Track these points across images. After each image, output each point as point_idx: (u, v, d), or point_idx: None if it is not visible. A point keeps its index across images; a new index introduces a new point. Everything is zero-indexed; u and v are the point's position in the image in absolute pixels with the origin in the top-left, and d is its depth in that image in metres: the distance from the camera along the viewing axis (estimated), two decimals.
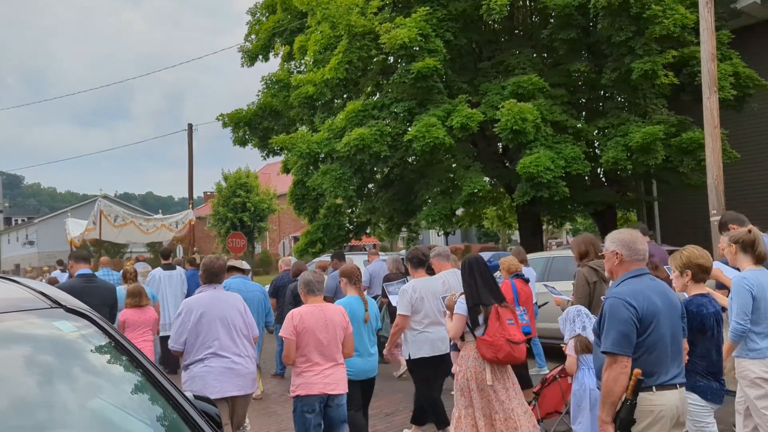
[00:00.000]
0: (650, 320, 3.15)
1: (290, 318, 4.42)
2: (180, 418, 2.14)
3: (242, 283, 6.39)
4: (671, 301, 3.27)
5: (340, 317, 4.51)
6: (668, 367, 3.19)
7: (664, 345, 3.18)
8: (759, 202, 16.17)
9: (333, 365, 4.41)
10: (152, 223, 16.70)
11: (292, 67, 19.27)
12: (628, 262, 3.33)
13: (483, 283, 4.72)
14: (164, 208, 23.12)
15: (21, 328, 2.23)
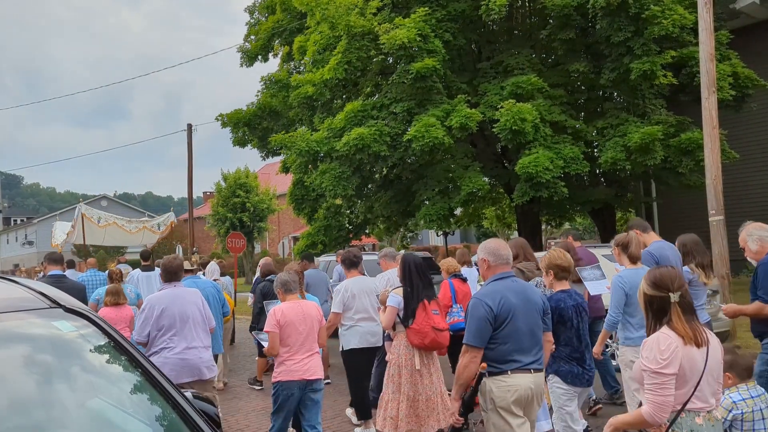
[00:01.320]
0: (505, 316, 3.62)
1: (273, 314, 4.85)
2: (179, 417, 2.14)
3: (192, 282, 6.81)
4: (529, 299, 3.75)
5: (315, 312, 5.00)
6: (523, 355, 3.66)
7: (519, 337, 3.65)
8: (758, 202, 16.18)
9: (310, 354, 4.86)
10: (134, 224, 17.40)
11: (292, 67, 19.29)
12: (494, 266, 3.82)
13: (419, 280, 5.20)
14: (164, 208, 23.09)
15: (20, 328, 2.23)
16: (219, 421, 2.43)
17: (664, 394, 2.81)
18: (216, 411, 2.45)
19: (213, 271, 10.31)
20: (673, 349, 2.83)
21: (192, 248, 25.21)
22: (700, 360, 2.86)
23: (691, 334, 2.85)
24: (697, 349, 2.87)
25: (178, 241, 38.59)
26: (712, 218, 9.60)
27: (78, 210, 16.15)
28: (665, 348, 2.84)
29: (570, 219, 20.68)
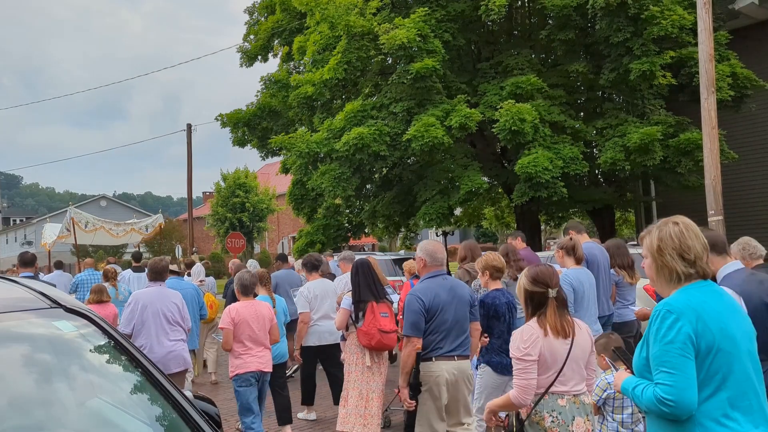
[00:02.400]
0: (435, 309, 4.20)
1: (228, 312, 5.37)
2: (180, 417, 2.15)
3: (176, 282, 7.17)
4: (458, 294, 4.32)
5: (267, 311, 5.52)
6: (448, 343, 4.21)
7: (446, 328, 4.21)
8: (757, 202, 16.20)
9: (262, 349, 5.41)
10: (122, 227, 18.14)
11: (291, 67, 19.27)
12: (429, 266, 4.38)
13: (365, 283, 5.50)
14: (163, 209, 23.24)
15: (20, 328, 2.23)
16: (220, 421, 2.44)
17: (527, 378, 3.14)
18: (216, 411, 2.45)
19: (198, 273, 10.56)
20: (534, 339, 3.17)
21: (191, 248, 25.22)
22: (562, 349, 3.18)
23: (560, 326, 3.21)
24: (562, 340, 3.19)
25: (177, 242, 38.60)
26: (711, 218, 9.61)
27: (68, 214, 16.81)
28: (527, 338, 3.19)
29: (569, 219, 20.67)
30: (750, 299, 3.07)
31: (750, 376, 2.26)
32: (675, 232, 2.41)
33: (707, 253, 2.40)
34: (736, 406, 2.22)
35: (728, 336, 2.25)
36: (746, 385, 2.24)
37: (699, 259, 2.35)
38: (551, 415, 3.16)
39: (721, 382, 2.22)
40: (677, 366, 2.21)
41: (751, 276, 3.24)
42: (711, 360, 2.23)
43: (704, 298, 2.30)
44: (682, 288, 2.35)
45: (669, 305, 2.30)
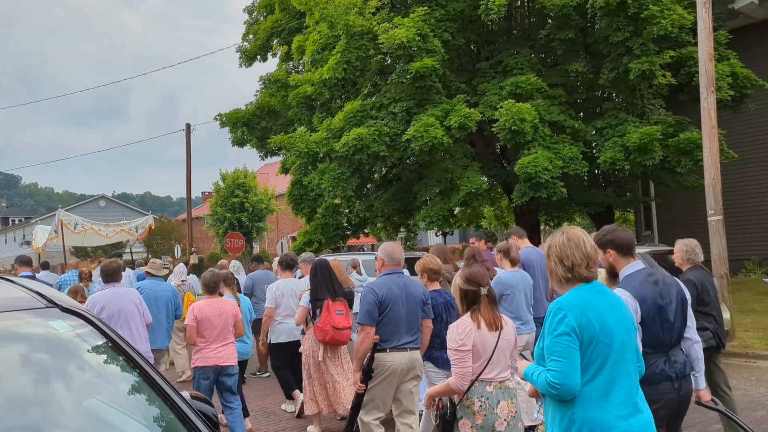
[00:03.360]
0: (388, 303, 4.60)
1: (191, 310, 5.68)
2: (177, 418, 2.13)
3: (154, 283, 7.45)
4: (411, 292, 4.73)
5: (230, 308, 5.80)
6: (401, 336, 4.61)
7: (398, 321, 4.61)
8: (756, 201, 16.19)
9: (224, 344, 5.65)
10: (111, 228, 18.75)
11: (291, 67, 19.27)
12: (387, 265, 4.84)
13: (322, 282, 5.92)
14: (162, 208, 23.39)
15: (16, 328, 2.22)
16: (217, 422, 2.42)
17: (464, 366, 3.53)
18: (214, 411, 2.43)
19: (180, 273, 10.80)
20: (468, 331, 3.56)
21: (190, 248, 25.20)
22: (491, 341, 3.59)
23: (491, 320, 3.61)
24: (492, 332, 3.60)
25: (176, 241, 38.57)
26: (710, 218, 9.60)
27: (57, 216, 17.39)
28: (462, 331, 3.57)
29: (569, 219, 20.66)
30: (645, 299, 3.37)
31: (624, 365, 2.66)
32: (558, 242, 2.81)
33: (588, 260, 2.76)
34: (611, 389, 2.62)
35: (607, 330, 2.64)
36: (620, 371, 2.65)
37: (576, 266, 2.75)
38: (480, 400, 3.56)
39: (600, 368, 2.62)
40: (564, 355, 2.60)
41: (649, 277, 3.48)
42: (592, 350, 2.62)
43: (590, 297, 2.70)
44: (573, 288, 2.76)
45: (559, 303, 2.71)
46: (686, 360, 3.48)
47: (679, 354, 3.46)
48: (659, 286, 3.46)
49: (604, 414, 2.59)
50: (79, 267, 11.36)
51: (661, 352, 3.37)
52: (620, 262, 3.55)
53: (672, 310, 3.43)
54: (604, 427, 2.58)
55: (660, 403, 3.25)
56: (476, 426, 3.55)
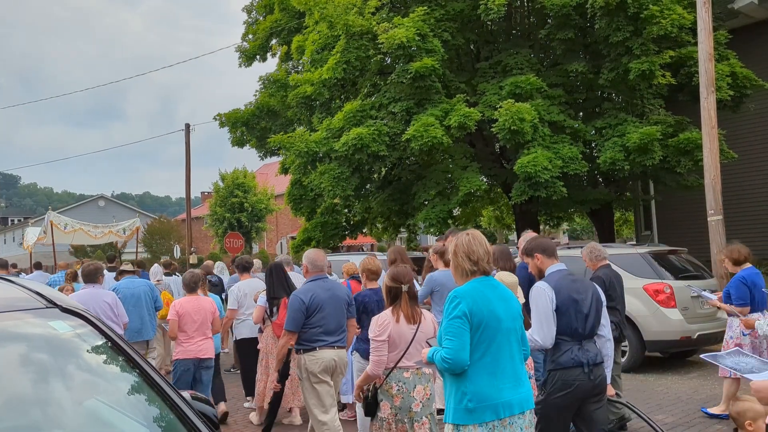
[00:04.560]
0: (315, 307, 4.92)
1: (173, 306, 6.09)
2: (177, 418, 2.12)
3: (129, 281, 7.72)
4: (335, 295, 5.07)
5: (209, 305, 6.24)
6: (328, 336, 4.97)
7: (325, 322, 4.95)
8: (756, 201, 16.19)
9: (203, 338, 6.08)
10: (100, 230, 19.34)
11: (290, 67, 19.26)
12: (312, 271, 5.17)
13: (278, 282, 6.33)
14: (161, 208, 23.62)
15: (16, 328, 2.21)
16: (217, 422, 2.41)
17: (379, 355, 3.96)
18: (214, 412, 2.43)
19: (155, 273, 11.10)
20: (385, 324, 4.01)
21: (190, 248, 25.19)
22: (409, 333, 4.03)
23: (410, 314, 4.06)
24: (411, 325, 4.04)
25: (176, 241, 38.55)
26: (710, 218, 9.61)
27: (47, 217, 17.95)
28: (380, 324, 4.01)
29: (568, 219, 20.67)
30: (560, 290, 3.82)
31: (509, 346, 3.15)
32: (465, 240, 3.26)
33: (488, 256, 3.26)
34: (497, 367, 3.09)
35: (494, 317, 3.11)
36: (505, 352, 3.12)
37: (481, 260, 3.21)
38: (397, 384, 4.01)
39: (487, 348, 3.08)
40: (456, 335, 3.06)
41: (568, 276, 3.97)
42: (480, 332, 3.08)
43: (483, 288, 3.18)
44: (469, 281, 3.22)
45: (456, 292, 3.17)
46: (598, 351, 3.87)
47: (592, 345, 3.88)
48: (576, 283, 3.94)
49: (489, 387, 3.06)
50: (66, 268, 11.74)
51: (575, 340, 3.80)
52: (546, 263, 4.08)
53: (587, 305, 3.86)
54: (488, 397, 3.05)
55: (573, 386, 3.72)
56: (395, 407, 4.01)
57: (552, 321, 3.77)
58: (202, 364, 6.09)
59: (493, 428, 3.05)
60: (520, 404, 3.12)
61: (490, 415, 3.04)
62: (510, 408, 3.08)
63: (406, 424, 4.01)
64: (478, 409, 3.05)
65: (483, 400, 3.05)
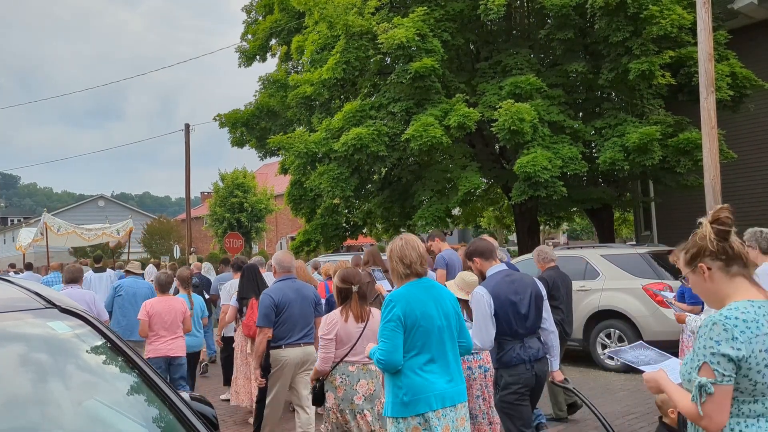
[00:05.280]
0: (284, 305, 5.21)
1: (144, 306, 6.34)
2: (176, 419, 2.12)
3: (134, 281, 7.93)
4: (303, 294, 5.36)
5: (180, 305, 6.47)
6: (295, 333, 5.24)
7: (293, 321, 5.24)
8: (756, 201, 16.19)
9: (174, 337, 6.31)
10: (93, 232, 19.66)
11: (290, 67, 19.25)
12: (280, 272, 5.46)
13: (248, 283, 6.54)
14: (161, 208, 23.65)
15: (15, 328, 2.21)
16: (216, 423, 2.41)
17: (326, 351, 4.28)
18: (213, 412, 2.42)
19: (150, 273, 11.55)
20: (333, 323, 4.31)
21: (189, 248, 25.18)
22: (356, 331, 4.30)
23: (358, 313, 4.32)
24: (358, 324, 4.31)
25: (175, 242, 38.51)
26: None
27: (42, 219, 18.36)
28: (329, 323, 4.33)
29: (568, 219, 20.67)
30: (498, 295, 4.02)
31: (442, 344, 3.36)
32: (399, 245, 3.46)
33: (421, 259, 3.43)
34: (432, 363, 3.32)
35: (427, 316, 3.32)
36: (438, 349, 3.34)
37: (413, 264, 3.40)
38: (341, 377, 4.31)
39: (421, 346, 3.32)
40: (389, 337, 3.28)
41: (506, 277, 4.15)
42: (414, 332, 3.29)
43: (416, 290, 3.37)
44: (405, 284, 3.41)
45: (391, 296, 3.38)
46: (540, 346, 4.14)
47: (535, 341, 4.11)
48: (515, 284, 4.11)
49: (423, 381, 3.28)
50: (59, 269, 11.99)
51: (517, 339, 4.03)
52: (485, 265, 4.28)
53: (525, 304, 4.06)
54: (422, 390, 3.27)
55: (519, 383, 4.00)
56: (338, 398, 4.31)
57: (490, 325, 3.97)
58: (173, 362, 6.28)
59: (427, 419, 3.26)
60: (452, 397, 3.34)
61: (423, 407, 3.26)
62: (443, 400, 3.30)
63: (348, 415, 4.29)
64: (413, 402, 3.27)
65: (417, 394, 3.27)
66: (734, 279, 2.08)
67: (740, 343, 1.92)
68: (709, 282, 2.12)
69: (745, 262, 2.09)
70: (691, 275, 2.18)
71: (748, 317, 1.95)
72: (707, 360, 1.95)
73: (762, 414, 1.96)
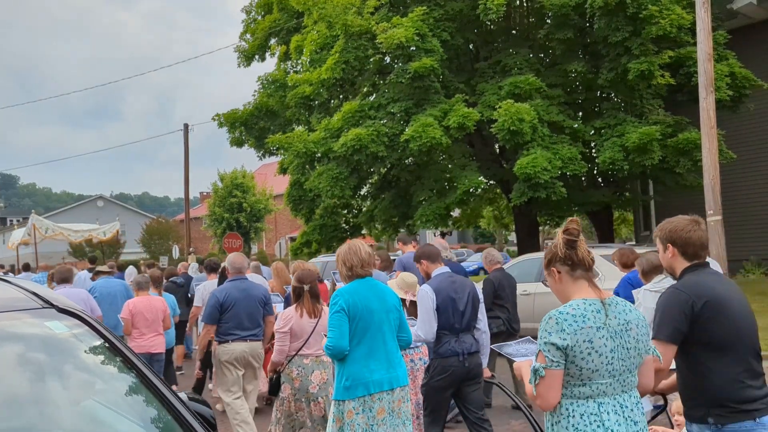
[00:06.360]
0: (229, 304, 5.55)
1: (126, 305, 6.67)
2: (173, 419, 2.11)
3: (106, 281, 8.23)
4: (250, 294, 5.68)
5: (160, 304, 6.79)
6: (241, 330, 5.57)
7: (239, 318, 5.57)
8: (755, 202, 16.20)
9: (155, 335, 6.65)
10: (80, 233, 20.42)
11: (289, 67, 19.24)
12: (231, 273, 5.86)
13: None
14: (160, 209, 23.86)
15: (13, 328, 2.20)
16: (214, 423, 2.40)
17: (281, 345, 4.71)
18: (211, 413, 2.41)
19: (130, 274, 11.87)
20: (288, 318, 4.76)
21: (188, 248, 25.17)
22: (309, 326, 4.77)
23: (310, 309, 4.79)
24: (311, 319, 4.77)
25: (174, 242, 38.49)
26: (709, 218, 9.60)
27: (31, 220, 19.11)
28: (284, 318, 4.78)
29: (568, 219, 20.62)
30: (440, 291, 4.47)
31: (382, 335, 3.73)
32: (344, 250, 3.90)
33: (363, 262, 3.83)
34: (371, 352, 3.70)
35: (369, 310, 3.71)
36: (379, 340, 3.72)
37: (355, 267, 3.82)
38: (297, 369, 4.73)
39: (362, 337, 3.69)
40: (336, 326, 3.67)
41: (449, 278, 4.62)
42: (356, 324, 3.68)
43: (360, 288, 3.79)
44: (351, 282, 3.84)
45: (338, 291, 3.81)
46: (474, 342, 4.53)
47: (469, 337, 4.53)
48: (455, 285, 4.57)
49: (362, 368, 3.65)
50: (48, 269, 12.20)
51: (453, 334, 4.44)
52: (431, 267, 4.77)
53: (463, 303, 4.51)
54: (361, 376, 3.65)
55: (449, 372, 4.40)
56: (294, 388, 4.71)
57: (433, 319, 4.42)
58: (153, 359, 6.60)
59: (364, 402, 3.65)
60: (390, 382, 3.72)
61: (362, 390, 3.65)
62: (380, 385, 3.68)
63: (303, 402, 4.73)
64: (352, 386, 3.65)
65: (357, 379, 3.65)
66: (577, 281, 2.40)
67: (566, 334, 2.22)
68: (559, 283, 2.44)
69: (587, 267, 2.40)
70: (548, 277, 2.50)
71: (577, 312, 2.26)
72: (541, 348, 2.26)
73: (590, 396, 2.25)
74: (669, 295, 2.67)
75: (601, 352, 2.22)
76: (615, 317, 2.29)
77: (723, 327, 2.56)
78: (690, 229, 2.76)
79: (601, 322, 2.25)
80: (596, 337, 2.22)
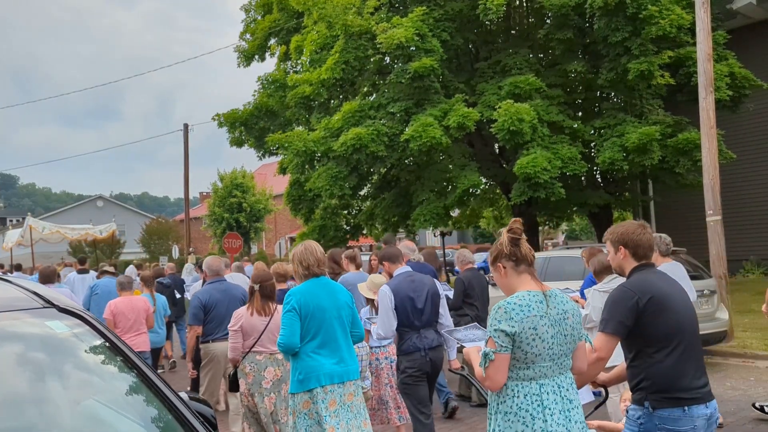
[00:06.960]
0: (211, 305, 5.85)
1: (108, 306, 6.76)
2: (174, 419, 2.11)
3: (109, 281, 8.35)
4: (231, 294, 5.98)
5: (142, 304, 6.95)
6: (222, 330, 5.71)
7: (220, 318, 5.83)
8: (755, 201, 16.20)
9: (137, 334, 6.79)
10: (77, 232, 20.83)
11: (289, 67, 19.24)
12: (210, 276, 6.17)
13: None
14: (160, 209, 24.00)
15: (13, 328, 2.20)
16: (215, 423, 2.40)
17: (234, 342, 4.91)
18: (212, 412, 2.41)
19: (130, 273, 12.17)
20: (240, 317, 4.95)
21: (188, 248, 25.16)
22: (260, 324, 4.91)
23: (261, 308, 4.95)
24: (263, 317, 4.92)
25: (174, 242, 38.45)
26: (709, 218, 9.60)
27: (26, 221, 19.48)
28: (236, 316, 4.99)
29: (567, 219, 20.68)
30: (398, 292, 4.64)
31: (333, 331, 3.96)
32: (299, 250, 4.10)
33: (318, 262, 4.06)
34: (323, 348, 3.92)
35: (320, 308, 3.94)
36: (330, 335, 3.95)
37: (311, 266, 4.04)
38: (250, 365, 4.92)
39: (314, 334, 3.93)
40: (287, 324, 3.91)
41: (408, 277, 4.80)
42: (308, 321, 3.92)
43: (312, 287, 4.00)
44: (306, 281, 4.04)
45: (291, 291, 4.02)
46: (436, 337, 4.71)
47: (431, 332, 4.69)
48: (414, 284, 4.73)
49: (314, 362, 3.88)
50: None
51: (414, 330, 4.63)
52: (392, 267, 4.96)
53: (421, 301, 4.67)
54: (313, 370, 3.87)
55: (415, 367, 4.59)
56: (248, 383, 4.91)
57: (392, 317, 4.60)
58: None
59: (316, 394, 3.86)
60: (341, 375, 3.92)
61: (314, 383, 3.86)
62: (330, 378, 3.88)
63: (257, 398, 4.91)
64: (305, 379, 3.88)
65: (309, 372, 3.88)
66: (521, 275, 2.64)
67: (515, 321, 2.44)
68: (505, 277, 2.67)
69: (530, 262, 2.65)
70: (494, 272, 2.72)
71: (523, 303, 2.49)
72: (491, 334, 2.47)
73: (533, 378, 2.48)
74: (617, 292, 2.90)
75: (544, 338, 2.45)
76: (555, 307, 2.52)
77: (666, 321, 2.78)
78: (640, 232, 3.02)
79: (543, 312, 2.48)
80: (540, 325, 2.45)
